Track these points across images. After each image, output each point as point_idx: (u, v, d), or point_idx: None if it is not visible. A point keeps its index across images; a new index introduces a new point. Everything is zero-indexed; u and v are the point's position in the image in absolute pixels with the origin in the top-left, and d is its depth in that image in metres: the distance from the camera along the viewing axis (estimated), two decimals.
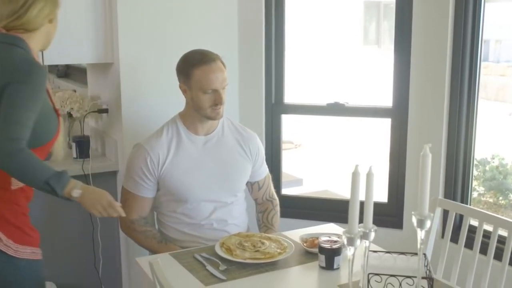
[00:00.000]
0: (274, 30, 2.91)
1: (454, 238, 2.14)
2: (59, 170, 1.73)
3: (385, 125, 2.83)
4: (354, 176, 1.46)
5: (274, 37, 2.91)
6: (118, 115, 2.70)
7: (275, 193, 2.51)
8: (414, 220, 1.50)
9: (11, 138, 1.64)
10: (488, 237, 2.00)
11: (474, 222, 2.19)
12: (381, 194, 2.80)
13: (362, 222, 1.50)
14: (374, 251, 1.75)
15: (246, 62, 2.92)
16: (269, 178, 2.48)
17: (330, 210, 2.88)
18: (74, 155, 2.76)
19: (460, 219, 2.47)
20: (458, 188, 2.59)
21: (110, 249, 2.83)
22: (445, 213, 2.37)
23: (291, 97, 3.05)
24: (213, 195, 2.26)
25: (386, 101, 2.80)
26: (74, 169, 2.66)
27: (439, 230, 2.48)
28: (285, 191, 3.12)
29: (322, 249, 1.84)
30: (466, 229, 2.07)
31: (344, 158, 6.24)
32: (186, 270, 1.83)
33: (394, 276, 1.55)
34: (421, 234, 1.50)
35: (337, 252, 1.83)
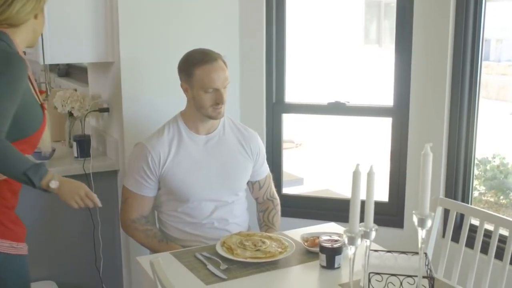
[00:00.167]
0: (275, 30, 2.91)
1: (455, 238, 2.14)
2: (37, 162, 1.74)
3: (386, 124, 2.83)
4: (355, 175, 1.46)
5: (275, 36, 2.91)
6: (119, 114, 2.70)
7: (276, 192, 2.51)
8: (415, 219, 1.50)
9: None
10: (489, 236, 2.00)
11: (475, 222, 2.18)
12: (382, 193, 2.79)
13: (363, 221, 1.50)
14: (375, 250, 1.75)
15: (247, 61, 2.92)
16: (270, 178, 2.48)
17: (331, 209, 2.88)
18: (75, 154, 2.76)
19: (461, 219, 2.47)
20: (459, 187, 2.59)
21: (111, 248, 2.83)
22: (446, 212, 2.36)
23: (292, 96, 3.05)
24: (214, 194, 2.26)
25: (387, 100, 2.80)
26: (75, 168, 2.66)
27: (440, 230, 2.48)
28: (286, 191, 3.11)
29: (323, 248, 1.84)
30: (467, 228, 2.07)
31: (345, 157, 6.25)
32: (187, 269, 1.83)
33: (395, 275, 1.56)
34: (422, 234, 1.50)
35: (338, 251, 1.82)
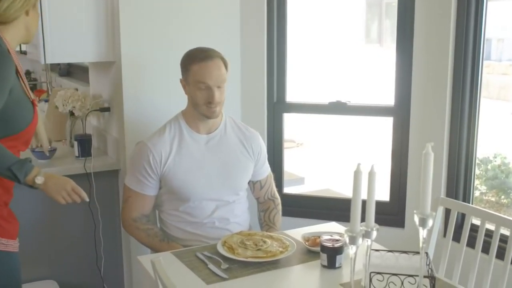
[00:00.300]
0: (276, 29, 2.90)
1: (456, 237, 2.14)
2: (23, 158, 1.74)
3: (387, 123, 2.83)
4: (356, 174, 1.46)
5: (276, 35, 2.91)
6: (119, 114, 2.70)
7: (277, 192, 2.51)
8: (416, 219, 1.50)
9: None
10: (490, 236, 2.00)
11: (476, 221, 2.18)
12: (383, 193, 2.80)
13: (364, 221, 1.50)
14: (376, 250, 1.75)
15: (248, 61, 2.92)
16: (271, 177, 2.48)
17: (332, 209, 2.88)
18: (76, 154, 2.76)
19: (462, 218, 2.47)
20: (460, 187, 2.59)
21: (112, 247, 2.83)
22: (447, 212, 2.36)
23: (293, 95, 3.05)
24: (215, 194, 2.26)
25: (388, 99, 2.80)
26: (76, 167, 2.66)
27: (441, 229, 2.48)
28: (287, 190, 3.11)
29: (324, 247, 1.84)
30: (468, 228, 2.07)
31: (346, 157, 6.24)
32: (188, 269, 1.83)
33: (396, 275, 1.55)
34: (423, 233, 1.50)
35: (339, 251, 1.82)
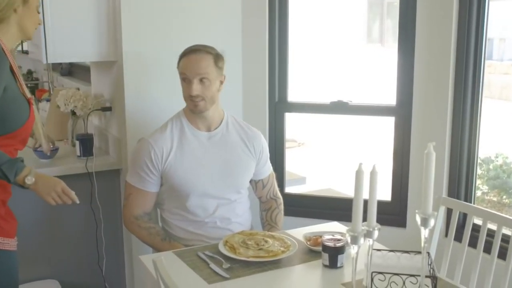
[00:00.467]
0: (278, 28, 2.90)
1: (458, 237, 2.14)
2: (15, 158, 1.74)
3: (388, 123, 2.83)
4: (358, 174, 1.45)
5: (278, 35, 2.91)
6: (121, 113, 2.70)
7: (279, 191, 2.51)
8: (418, 218, 1.50)
9: None
10: (492, 236, 2.00)
11: (478, 221, 2.18)
12: (384, 193, 2.80)
13: (365, 220, 1.50)
14: (378, 250, 1.75)
15: (250, 60, 2.92)
16: (273, 177, 2.48)
17: (334, 209, 2.88)
18: (78, 153, 2.76)
19: (463, 218, 2.47)
20: (462, 186, 2.59)
21: (114, 247, 2.84)
22: (448, 211, 2.36)
23: (295, 95, 3.04)
24: (216, 191, 2.26)
25: (390, 99, 2.79)
26: (78, 167, 2.67)
27: (443, 229, 2.48)
28: (288, 190, 3.11)
29: (325, 247, 1.83)
30: (470, 227, 2.07)
31: (347, 157, 6.24)
32: (190, 268, 1.83)
33: (397, 274, 1.55)
34: (424, 233, 1.50)
35: (340, 250, 1.82)
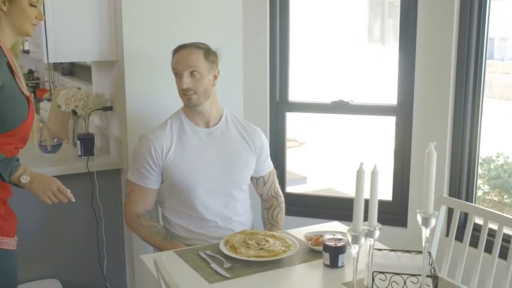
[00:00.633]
0: (279, 28, 2.90)
1: (459, 237, 2.14)
2: (11, 157, 1.75)
3: (389, 123, 2.83)
4: (359, 174, 1.45)
5: (279, 35, 2.91)
6: (122, 113, 2.70)
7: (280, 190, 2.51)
8: (419, 218, 1.50)
9: None
10: (493, 235, 2.00)
11: (479, 221, 2.18)
12: (385, 192, 2.79)
13: (366, 220, 1.50)
14: (379, 249, 1.75)
15: (251, 60, 2.92)
16: (274, 174, 2.48)
17: (335, 208, 2.88)
18: (79, 153, 2.77)
19: (464, 218, 2.46)
20: (463, 186, 2.59)
21: (115, 246, 2.84)
22: (449, 211, 2.36)
23: (296, 95, 3.04)
24: (216, 187, 2.26)
25: (391, 99, 2.79)
26: (79, 167, 2.67)
27: (444, 229, 2.48)
28: (289, 189, 3.11)
29: (326, 247, 1.84)
30: (471, 227, 2.07)
31: (348, 156, 6.24)
32: (191, 268, 1.83)
33: (398, 274, 1.55)
34: (425, 232, 1.50)
35: (341, 250, 1.82)
